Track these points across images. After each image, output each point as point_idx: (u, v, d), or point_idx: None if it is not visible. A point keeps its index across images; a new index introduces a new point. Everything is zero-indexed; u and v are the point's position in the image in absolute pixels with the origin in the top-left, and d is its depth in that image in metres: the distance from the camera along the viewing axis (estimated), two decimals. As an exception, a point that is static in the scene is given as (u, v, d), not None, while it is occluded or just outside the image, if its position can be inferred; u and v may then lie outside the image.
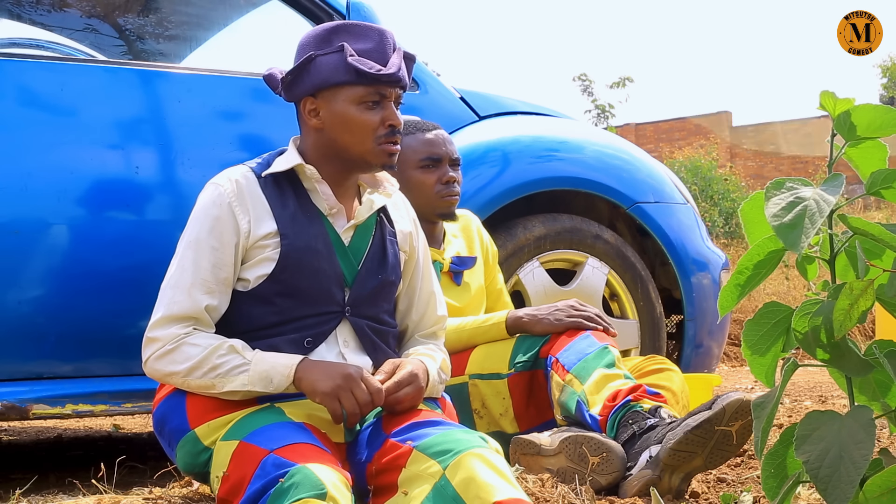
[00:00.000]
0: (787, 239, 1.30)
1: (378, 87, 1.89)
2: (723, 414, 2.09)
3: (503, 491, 1.58)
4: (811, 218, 1.30)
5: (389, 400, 1.82)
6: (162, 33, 3.54)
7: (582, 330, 2.45)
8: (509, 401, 2.49)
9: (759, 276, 1.43)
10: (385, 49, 1.90)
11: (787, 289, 8.92)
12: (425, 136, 2.61)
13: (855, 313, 1.33)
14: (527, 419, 2.51)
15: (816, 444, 1.31)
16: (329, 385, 1.76)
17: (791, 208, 1.32)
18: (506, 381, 2.49)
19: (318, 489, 1.54)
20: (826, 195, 1.32)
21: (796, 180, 1.36)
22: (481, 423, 2.52)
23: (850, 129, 1.40)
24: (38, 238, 2.50)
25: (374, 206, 1.99)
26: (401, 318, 2.08)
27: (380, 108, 1.90)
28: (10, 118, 2.52)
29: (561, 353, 2.41)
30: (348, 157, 1.93)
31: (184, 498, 2.05)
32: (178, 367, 1.82)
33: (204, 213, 1.89)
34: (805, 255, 1.41)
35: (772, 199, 1.34)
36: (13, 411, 2.45)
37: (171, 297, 1.85)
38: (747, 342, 1.43)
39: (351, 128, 1.90)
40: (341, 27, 1.91)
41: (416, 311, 2.08)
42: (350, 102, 1.89)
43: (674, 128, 21.36)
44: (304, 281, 1.88)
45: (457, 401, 2.44)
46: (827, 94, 1.39)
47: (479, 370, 2.51)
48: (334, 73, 1.88)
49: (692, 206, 3.44)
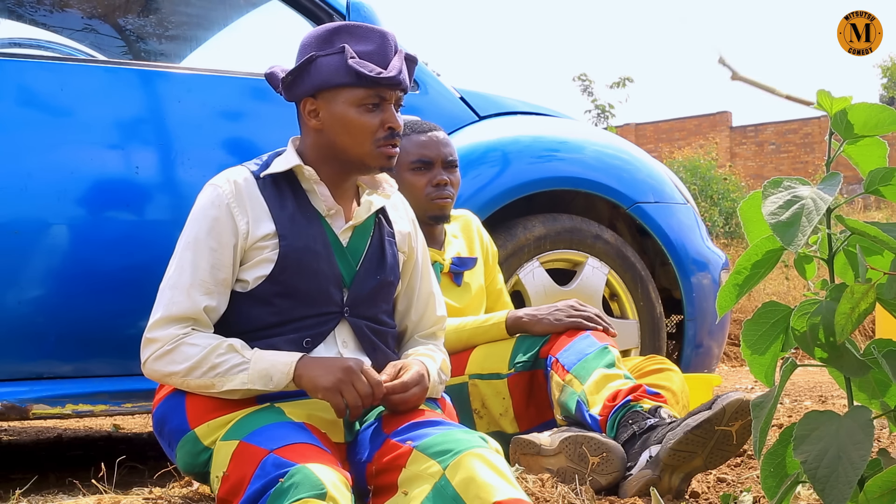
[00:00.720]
0: (784, 237, 1.30)
1: (378, 89, 1.88)
2: (723, 414, 2.09)
3: (503, 491, 1.59)
4: (808, 216, 1.30)
5: (395, 399, 1.82)
6: (162, 33, 3.54)
7: (582, 330, 2.45)
8: (509, 401, 2.49)
9: (757, 276, 1.43)
10: (386, 51, 1.90)
11: (787, 289, 8.92)
12: (419, 137, 2.60)
13: (856, 316, 1.33)
14: (527, 419, 2.51)
15: (815, 444, 1.31)
16: (330, 380, 1.76)
17: (788, 206, 1.32)
18: (506, 381, 2.49)
19: (317, 489, 1.54)
20: (823, 194, 1.33)
21: (794, 179, 1.37)
22: (481, 422, 2.52)
23: (847, 128, 1.40)
24: (38, 238, 2.50)
25: (372, 207, 1.99)
26: (400, 319, 2.09)
27: (379, 110, 1.90)
28: (10, 118, 2.52)
29: (561, 353, 2.41)
30: (347, 159, 1.93)
31: (184, 498, 2.05)
32: (177, 368, 1.82)
33: (202, 213, 1.89)
34: (803, 255, 1.41)
35: (769, 197, 1.34)
36: (13, 411, 2.45)
37: (170, 297, 1.85)
38: (746, 342, 1.43)
39: (350, 130, 1.90)
40: (343, 28, 1.91)
41: (415, 311, 2.08)
42: (349, 104, 1.89)
43: (674, 128, 21.37)
44: (303, 282, 1.88)
45: (457, 401, 2.43)
46: (823, 93, 1.40)
47: (479, 370, 2.51)
48: (334, 74, 1.88)
49: (692, 206, 3.44)
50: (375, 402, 1.80)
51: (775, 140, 20.76)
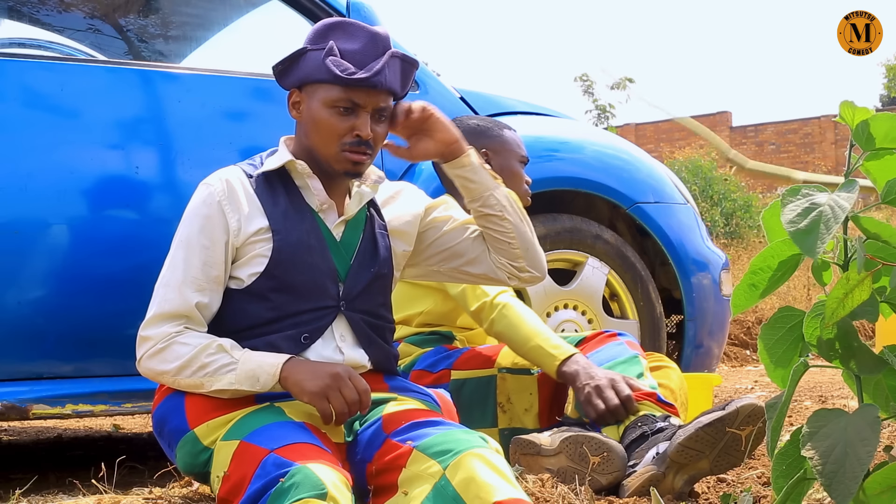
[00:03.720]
0: (803, 245, 1.32)
1: (351, 93, 1.85)
2: (736, 415, 2.10)
3: (503, 491, 1.59)
4: (826, 224, 1.31)
5: (416, 118, 1.96)
6: (162, 33, 3.54)
7: (613, 337, 2.48)
8: (536, 398, 2.49)
9: (776, 279, 1.44)
10: (370, 52, 1.86)
11: (787, 289, 8.91)
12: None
13: (849, 303, 1.34)
14: (550, 418, 2.51)
15: (822, 441, 1.32)
16: (318, 384, 1.76)
17: (806, 214, 1.33)
18: (535, 378, 2.49)
19: (318, 489, 1.54)
20: (840, 201, 1.34)
21: (812, 187, 1.38)
22: (504, 417, 2.51)
23: (869, 140, 1.41)
24: (38, 238, 2.50)
25: (363, 199, 1.98)
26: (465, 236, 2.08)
27: (353, 115, 1.87)
28: (11, 118, 2.52)
29: (591, 354, 2.44)
30: (316, 157, 1.92)
31: (184, 498, 2.05)
32: (168, 367, 1.82)
33: (194, 212, 1.90)
34: (821, 261, 1.42)
35: (788, 205, 1.35)
36: (13, 411, 2.45)
37: (163, 295, 1.86)
38: (765, 346, 1.45)
39: (318, 128, 1.89)
40: (337, 24, 1.90)
41: (461, 229, 2.08)
42: (323, 103, 1.87)
43: (674, 128, 21.38)
44: (298, 276, 1.88)
45: (482, 392, 2.45)
46: (847, 105, 1.41)
47: (510, 364, 2.51)
48: (316, 69, 1.87)
49: (692, 206, 3.44)
50: (363, 409, 1.80)
51: (775, 140, 20.77)
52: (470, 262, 2.08)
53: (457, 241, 2.07)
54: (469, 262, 2.08)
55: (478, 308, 2.47)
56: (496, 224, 2.03)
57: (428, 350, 2.56)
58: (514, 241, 2.03)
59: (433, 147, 2.00)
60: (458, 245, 2.07)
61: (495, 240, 2.04)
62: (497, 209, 2.02)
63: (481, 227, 2.05)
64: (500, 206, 2.02)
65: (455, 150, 2.01)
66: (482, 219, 2.04)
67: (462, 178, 2.02)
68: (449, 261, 2.08)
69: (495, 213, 2.02)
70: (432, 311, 2.62)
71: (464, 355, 2.52)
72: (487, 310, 2.46)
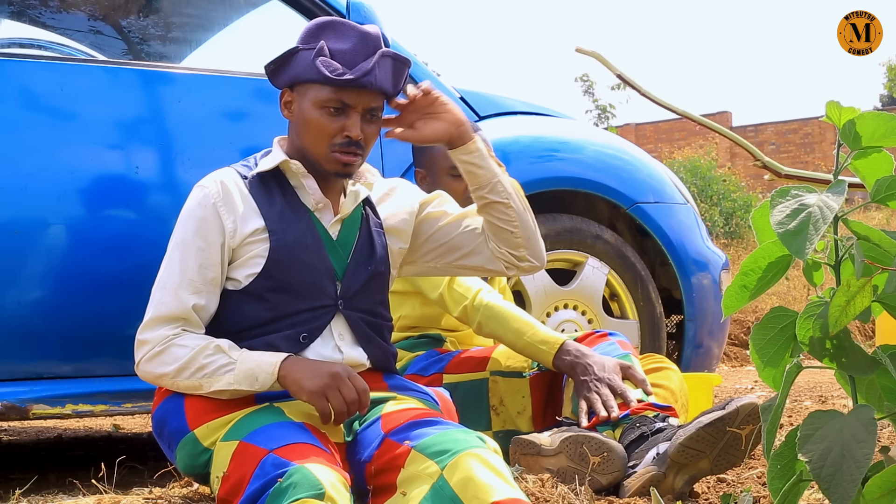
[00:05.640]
0: (791, 246, 1.31)
1: (341, 93, 1.85)
2: (736, 415, 2.10)
3: (501, 491, 1.58)
4: (815, 224, 1.31)
5: (423, 101, 1.94)
6: (162, 34, 3.54)
7: (605, 337, 2.47)
8: (528, 400, 2.49)
9: (766, 280, 1.43)
10: (360, 52, 1.85)
11: (787, 289, 8.92)
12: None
13: (851, 310, 1.34)
14: (544, 420, 2.51)
15: (819, 443, 1.32)
16: (316, 384, 1.76)
17: (795, 215, 1.33)
18: (527, 381, 2.49)
19: (316, 489, 1.54)
20: (829, 202, 1.33)
21: (801, 187, 1.37)
22: (497, 419, 2.52)
23: (856, 139, 1.40)
24: (38, 238, 2.50)
25: (358, 197, 1.98)
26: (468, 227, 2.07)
27: (343, 116, 1.86)
28: (11, 118, 2.52)
29: None
30: (307, 157, 1.92)
31: (184, 498, 2.05)
32: (166, 369, 1.82)
33: (190, 215, 1.90)
34: (812, 261, 1.42)
35: (776, 206, 1.35)
36: (13, 411, 2.45)
37: (160, 298, 1.86)
38: (756, 346, 1.44)
39: (309, 129, 1.89)
40: (328, 24, 1.90)
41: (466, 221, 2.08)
42: (313, 104, 1.87)
43: (674, 128, 21.36)
44: (296, 275, 1.88)
45: (475, 396, 2.45)
46: (832, 105, 1.40)
47: (501, 367, 2.51)
48: (307, 69, 1.87)
49: (692, 206, 3.44)
50: (362, 409, 1.80)
51: (775, 140, 20.76)
52: (467, 255, 2.07)
53: (453, 235, 2.07)
54: (466, 255, 2.07)
55: (461, 313, 2.48)
56: (500, 212, 2.02)
57: (419, 354, 2.56)
58: (518, 229, 2.03)
59: (443, 128, 1.98)
60: (455, 239, 2.07)
61: (498, 228, 2.03)
62: (503, 196, 2.01)
63: (484, 216, 2.04)
64: (506, 194, 2.01)
65: (463, 132, 1.99)
66: (487, 206, 2.02)
67: (469, 164, 2.01)
68: (446, 255, 2.08)
69: (501, 201, 2.01)
70: (410, 314, 2.61)
71: (455, 359, 2.52)
72: (471, 313, 2.46)
